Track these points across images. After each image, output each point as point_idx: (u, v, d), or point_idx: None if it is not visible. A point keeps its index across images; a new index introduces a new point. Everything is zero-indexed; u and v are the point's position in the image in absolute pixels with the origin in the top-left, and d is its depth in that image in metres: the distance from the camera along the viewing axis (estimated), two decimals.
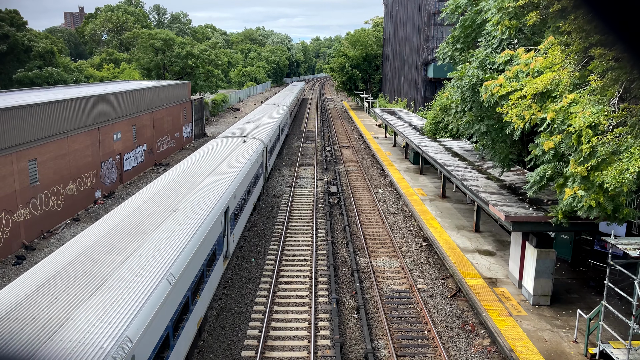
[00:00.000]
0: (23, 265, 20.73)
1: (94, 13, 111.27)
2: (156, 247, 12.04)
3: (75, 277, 10.14)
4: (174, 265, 11.44)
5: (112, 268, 10.62)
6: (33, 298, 9.22)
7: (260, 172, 27.90)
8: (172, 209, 15.16)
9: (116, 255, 11.35)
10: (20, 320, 8.42)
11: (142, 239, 12.48)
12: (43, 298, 9.23)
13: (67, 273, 10.32)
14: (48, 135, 24.93)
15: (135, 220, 13.99)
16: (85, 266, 10.65)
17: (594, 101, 12.69)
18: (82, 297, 9.28)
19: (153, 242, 12.36)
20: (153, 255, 11.54)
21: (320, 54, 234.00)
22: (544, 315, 15.56)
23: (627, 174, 11.09)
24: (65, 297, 9.27)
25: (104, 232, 12.90)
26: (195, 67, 62.73)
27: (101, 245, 11.92)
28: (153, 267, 11.00)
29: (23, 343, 7.75)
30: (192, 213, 14.95)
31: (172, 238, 12.80)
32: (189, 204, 15.86)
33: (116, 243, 12.07)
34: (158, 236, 12.78)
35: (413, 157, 38.82)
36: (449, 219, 25.20)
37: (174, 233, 13.14)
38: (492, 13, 19.72)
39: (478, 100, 19.03)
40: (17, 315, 8.60)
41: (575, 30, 12.43)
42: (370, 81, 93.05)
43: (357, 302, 17.13)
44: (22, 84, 51.99)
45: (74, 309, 8.85)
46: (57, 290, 9.54)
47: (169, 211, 14.97)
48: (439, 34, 48.18)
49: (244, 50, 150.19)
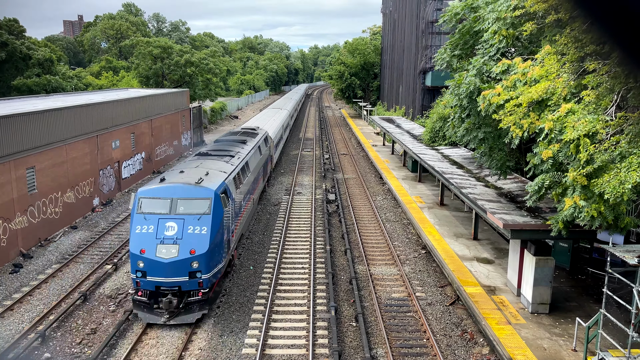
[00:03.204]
0: (20, 273, 20.65)
1: (93, 21, 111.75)
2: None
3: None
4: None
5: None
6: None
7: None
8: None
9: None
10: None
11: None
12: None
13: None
14: (46, 143, 24.93)
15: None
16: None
17: (590, 110, 12.76)
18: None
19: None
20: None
21: (319, 62, 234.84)
22: (542, 324, 15.52)
23: (627, 185, 11.11)
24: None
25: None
26: (193, 75, 62.86)
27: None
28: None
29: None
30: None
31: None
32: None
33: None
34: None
35: (411, 165, 38.87)
36: (448, 226, 25.20)
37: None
38: (490, 23, 19.86)
39: (475, 108, 19.11)
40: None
41: (571, 41, 12.53)
42: (369, 89, 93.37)
43: (356, 310, 17.08)
44: (20, 91, 52.02)
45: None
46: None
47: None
48: (437, 43, 48.41)
49: (243, 58, 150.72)
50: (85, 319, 16.86)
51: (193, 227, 15.98)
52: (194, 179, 17.66)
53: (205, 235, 15.92)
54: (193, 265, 15.71)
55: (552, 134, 13.82)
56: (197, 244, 15.76)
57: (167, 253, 15.60)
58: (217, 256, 16.73)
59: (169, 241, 15.75)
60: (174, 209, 16.32)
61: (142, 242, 15.80)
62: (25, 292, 18.68)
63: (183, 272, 15.66)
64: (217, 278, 17.07)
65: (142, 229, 16.03)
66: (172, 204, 16.39)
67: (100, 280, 19.73)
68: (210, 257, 16.00)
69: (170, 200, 16.49)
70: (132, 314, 16.55)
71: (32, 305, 17.84)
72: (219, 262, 16.90)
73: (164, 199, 16.57)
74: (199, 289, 15.99)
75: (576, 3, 1.53)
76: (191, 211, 16.27)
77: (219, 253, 16.91)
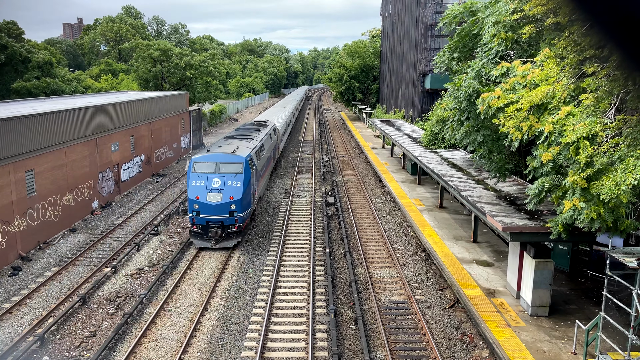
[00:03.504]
0: (19, 276, 20.62)
1: (93, 24, 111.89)
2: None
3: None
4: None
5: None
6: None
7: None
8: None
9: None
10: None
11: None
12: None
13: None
14: (46, 146, 24.93)
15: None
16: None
17: (589, 113, 12.77)
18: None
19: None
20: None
21: (318, 65, 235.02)
22: (542, 326, 15.51)
23: (622, 186, 11.12)
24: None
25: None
26: (193, 78, 62.89)
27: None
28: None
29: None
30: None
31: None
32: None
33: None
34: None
35: (411, 168, 38.88)
36: (447, 229, 25.19)
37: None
38: (489, 27, 19.89)
39: (474, 111, 19.12)
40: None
41: (570, 44, 12.56)
42: (368, 92, 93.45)
43: (355, 313, 17.05)
44: (20, 94, 52.03)
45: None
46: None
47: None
48: (436, 46, 48.46)
49: (242, 61, 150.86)
50: (84, 322, 16.83)
51: (231, 181, 22.86)
52: (229, 150, 24.81)
53: (240, 187, 22.84)
54: (231, 207, 22.65)
55: (551, 136, 13.83)
56: (234, 193, 22.69)
57: (214, 198, 22.55)
58: (247, 203, 23.78)
59: (215, 191, 22.61)
60: (217, 169, 23.14)
61: (196, 191, 22.57)
62: (24, 295, 18.65)
63: (225, 211, 22.61)
64: (247, 218, 24.39)
65: (196, 182, 22.75)
66: (216, 166, 23.25)
67: (99, 283, 19.70)
68: (242, 202, 22.99)
69: (215, 163, 23.32)
70: (188, 241, 23.98)
71: (30, 309, 17.80)
72: (248, 207, 24.06)
73: (210, 162, 23.35)
74: (235, 224, 22.91)
75: (576, 5, 1.53)
76: (229, 171, 23.13)
77: (248, 201, 23.96)
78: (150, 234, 25.81)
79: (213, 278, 20.28)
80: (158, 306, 17.56)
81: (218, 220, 22.74)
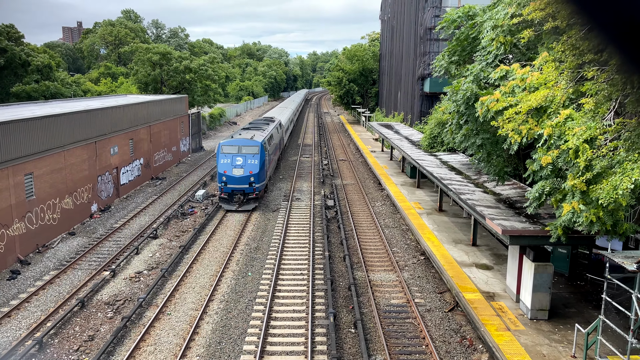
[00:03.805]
0: (18, 280, 20.57)
1: (93, 28, 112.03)
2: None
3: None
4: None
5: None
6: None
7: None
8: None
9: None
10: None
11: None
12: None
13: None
14: (45, 149, 24.92)
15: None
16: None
17: (589, 117, 12.79)
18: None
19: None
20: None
21: (317, 69, 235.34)
22: (542, 330, 15.49)
23: (619, 190, 11.12)
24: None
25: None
26: (192, 81, 62.93)
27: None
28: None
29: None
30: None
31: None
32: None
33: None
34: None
35: (410, 171, 38.90)
36: (446, 232, 25.19)
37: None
38: (487, 31, 19.94)
39: (473, 114, 19.15)
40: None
41: (569, 48, 12.58)
42: (367, 95, 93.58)
43: (355, 316, 17.03)
44: (19, 97, 52.04)
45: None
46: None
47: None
48: (435, 49, 48.56)
49: (241, 64, 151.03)
50: (82, 325, 16.79)
51: (250, 160, 30.33)
52: (249, 136, 32.40)
53: (257, 164, 30.44)
54: (251, 179, 30.03)
55: (551, 139, 13.85)
56: (253, 168, 30.21)
57: (237, 172, 30.00)
58: (262, 177, 31.19)
59: (238, 167, 30.04)
60: (240, 151, 30.51)
61: (224, 167, 30.08)
62: (23, 298, 18.61)
63: (246, 182, 30.05)
64: (262, 188, 31.88)
65: (224, 160, 30.24)
66: (239, 148, 30.65)
67: (98, 287, 19.66)
68: (259, 175, 30.43)
69: (238, 146, 30.80)
70: (218, 205, 31.20)
71: (29, 312, 17.76)
72: (262, 180, 31.49)
73: (234, 145, 30.92)
74: (253, 192, 30.39)
75: (576, 8, 1.53)
76: (249, 152, 30.46)
77: (263, 176, 31.39)
78: (150, 237, 25.78)
79: (212, 281, 20.26)
80: (157, 310, 17.53)
81: (240, 189, 30.30)
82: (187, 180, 40.17)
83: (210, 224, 28.25)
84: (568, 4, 1.52)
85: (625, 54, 1.52)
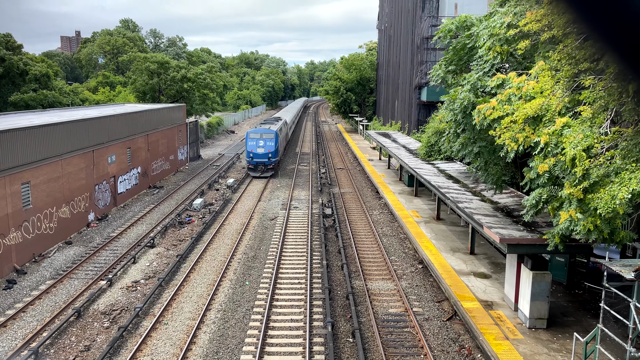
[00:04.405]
0: (14, 289, 20.45)
1: (91, 37, 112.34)
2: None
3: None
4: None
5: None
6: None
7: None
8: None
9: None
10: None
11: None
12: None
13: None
14: (42, 158, 24.88)
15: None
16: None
17: (586, 126, 12.84)
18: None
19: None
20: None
21: (315, 78, 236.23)
22: (540, 339, 15.44)
23: (617, 200, 11.13)
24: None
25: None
26: (190, 90, 63.09)
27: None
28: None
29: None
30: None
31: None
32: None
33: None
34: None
35: (407, 179, 38.93)
36: (444, 241, 25.17)
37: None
38: (484, 40, 20.06)
39: (470, 123, 19.21)
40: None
41: (564, 57, 12.66)
42: (365, 104, 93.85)
43: (353, 325, 16.95)
44: (17, 106, 52.05)
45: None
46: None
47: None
48: (432, 58, 48.80)
49: (239, 73, 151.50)
50: (78, 335, 16.68)
51: (268, 142, 43.62)
52: (267, 127, 46.43)
53: (273, 145, 43.75)
54: (269, 155, 43.48)
55: (547, 147, 13.89)
56: (270, 148, 43.69)
57: (260, 150, 43.66)
58: (276, 154, 44.64)
59: (260, 147, 43.56)
60: (261, 136, 43.73)
61: (251, 147, 43.65)
62: (19, 308, 18.49)
63: (265, 157, 43.72)
64: (276, 163, 45.23)
65: (251, 143, 43.62)
66: (260, 134, 43.87)
67: (95, 296, 19.55)
68: (274, 153, 43.90)
69: (260, 133, 44.12)
70: (246, 174, 45.12)
71: (25, 322, 17.64)
72: (277, 157, 44.83)
73: (257, 132, 44.41)
74: (271, 164, 43.91)
75: (576, 16, 1.53)
76: (267, 137, 43.62)
77: (277, 154, 44.90)
78: (147, 246, 25.69)
79: (209, 290, 20.17)
80: (154, 319, 17.42)
81: (262, 162, 44.31)
82: (184, 189, 40.12)
83: (208, 233, 28.19)
84: (567, 12, 1.53)
85: (623, 61, 1.53)
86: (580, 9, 1.50)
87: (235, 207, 34.25)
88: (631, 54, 1.49)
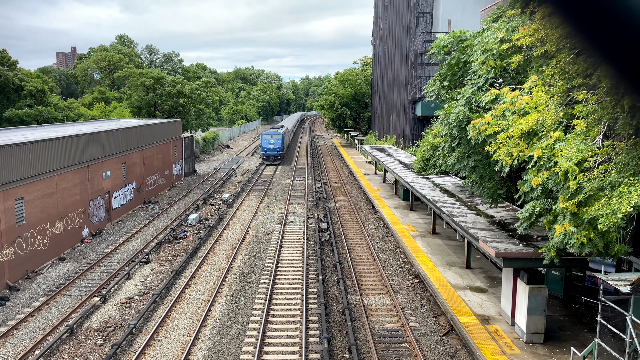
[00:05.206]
0: (6, 306, 20.19)
1: (87, 53, 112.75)
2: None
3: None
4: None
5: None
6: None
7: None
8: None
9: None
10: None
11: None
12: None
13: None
14: (36, 174, 24.77)
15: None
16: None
17: (579, 141, 12.92)
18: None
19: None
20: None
21: (310, 93, 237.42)
22: (537, 354, 15.35)
23: (618, 214, 11.15)
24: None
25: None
26: (186, 105, 63.28)
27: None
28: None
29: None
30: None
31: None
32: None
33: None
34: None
35: (403, 194, 38.97)
36: (440, 255, 25.12)
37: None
38: (477, 55, 20.26)
39: (465, 137, 19.31)
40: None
41: (558, 72, 12.78)
42: (360, 119, 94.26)
43: (349, 341, 16.81)
44: (11, 122, 51.95)
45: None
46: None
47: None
48: (427, 73, 49.20)
49: (235, 89, 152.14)
50: (71, 353, 16.45)
51: (277, 141, 65.70)
52: (276, 130, 68.54)
53: (280, 143, 65.97)
54: (277, 150, 65.55)
55: (540, 161, 13.96)
56: (278, 144, 65.78)
57: (271, 146, 65.52)
58: (282, 149, 67.19)
59: (272, 143, 65.55)
60: (272, 137, 65.62)
61: (265, 143, 65.58)
62: (11, 325, 18.24)
63: (275, 151, 65.59)
64: (283, 155, 68.36)
65: (264, 141, 65.61)
66: (271, 135, 65.90)
67: (88, 313, 19.33)
68: (282, 147, 66.53)
69: (271, 134, 66.15)
70: (261, 163, 65.02)
71: (17, 340, 17.39)
72: (283, 151, 67.68)
73: (269, 134, 66.24)
74: (279, 155, 65.89)
75: (571, 30, 1.54)
76: (276, 137, 65.67)
77: (283, 149, 67.48)
78: (141, 262, 25.49)
79: (204, 307, 19.99)
80: (148, 336, 17.23)
81: (272, 154, 64.36)
82: (179, 204, 39.98)
83: (203, 248, 28.03)
84: (560, 27, 1.54)
85: (617, 75, 1.54)
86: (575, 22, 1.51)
87: (231, 222, 34.12)
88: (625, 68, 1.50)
